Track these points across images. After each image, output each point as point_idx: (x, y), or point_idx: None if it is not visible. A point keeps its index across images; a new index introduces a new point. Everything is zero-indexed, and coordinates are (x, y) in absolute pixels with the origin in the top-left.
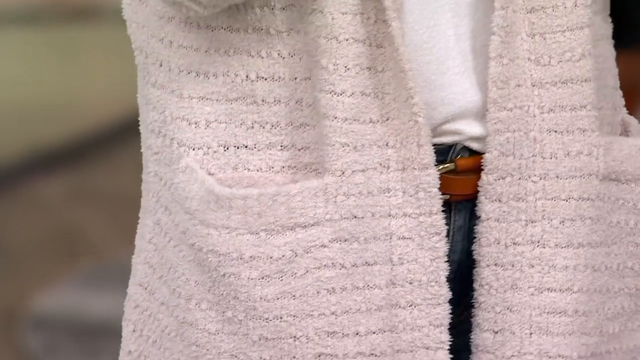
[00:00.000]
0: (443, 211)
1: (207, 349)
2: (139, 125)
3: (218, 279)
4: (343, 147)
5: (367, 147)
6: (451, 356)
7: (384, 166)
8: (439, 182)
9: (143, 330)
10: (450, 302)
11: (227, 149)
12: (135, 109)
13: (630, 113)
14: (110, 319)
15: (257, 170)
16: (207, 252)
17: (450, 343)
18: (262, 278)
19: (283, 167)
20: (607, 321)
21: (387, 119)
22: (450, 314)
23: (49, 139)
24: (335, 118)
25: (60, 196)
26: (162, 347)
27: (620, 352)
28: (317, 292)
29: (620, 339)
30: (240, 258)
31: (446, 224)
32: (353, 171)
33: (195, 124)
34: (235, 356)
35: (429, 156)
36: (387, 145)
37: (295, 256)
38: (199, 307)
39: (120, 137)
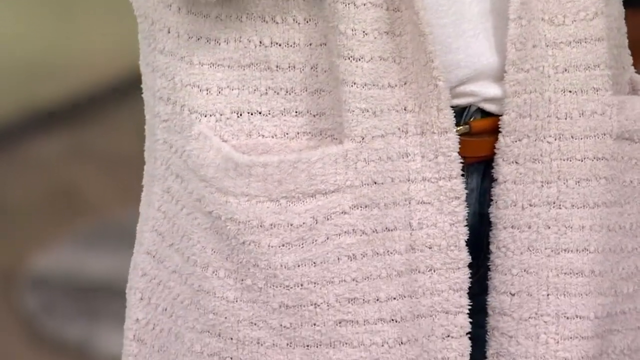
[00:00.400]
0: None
1: (226, 317)
2: (138, 85)
3: (237, 247)
4: (362, 112)
5: (386, 112)
6: (470, 320)
7: (403, 131)
8: (459, 146)
9: (151, 298)
10: None
11: (241, 115)
12: (134, 68)
13: (637, 72)
14: (109, 279)
15: (272, 137)
16: (226, 220)
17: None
18: (283, 245)
19: (298, 134)
20: (621, 281)
21: (405, 83)
22: None
23: (47, 98)
24: (354, 84)
25: (58, 155)
26: (174, 315)
27: (634, 312)
28: (338, 259)
29: (634, 298)
30: (261, 226)
31: None
32: (373, 137)
33: (207, 90)
34: (255, 324)
35: (449, 120)
36: (405, 109)
37: (316, 223)
38: (216, 275)
39: (119, 95)
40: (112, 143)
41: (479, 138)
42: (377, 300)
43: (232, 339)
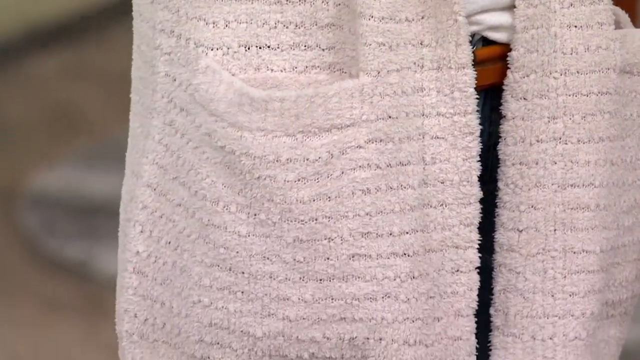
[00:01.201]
0: None
1: (237, 252)
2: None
3: (251, 182)
4: (379, 46)
5: (402, 46)
6: (479, 255)
7: (418, 65)
8: (475, 81)
9: (153, 231)
10: None
11: (249, 49)
12: None
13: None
14: (109, 198)
15: (281, 71)
16: (241, 155)
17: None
18: (299, 180)
19: (307, 67)
20: (622, 214)
21: (423, 17)
22: None
23: (46, 15)
24: (372, 17)
25: (57, 74)
26: (180, 248)
27: (632, 245)
28: (352, 193)
29: (632, 231)
30: (277, 160)
31: None
32: (388, 71)
33: (214, 23)
34: (268, 258)
35: (467, 55)
36: (421, 44)
37: (332, 157)
38: (227, 209)
39: (119, 13)
40: (111, 61)
41: (481, 67)
42: (390, 234)
43: (243, 273)
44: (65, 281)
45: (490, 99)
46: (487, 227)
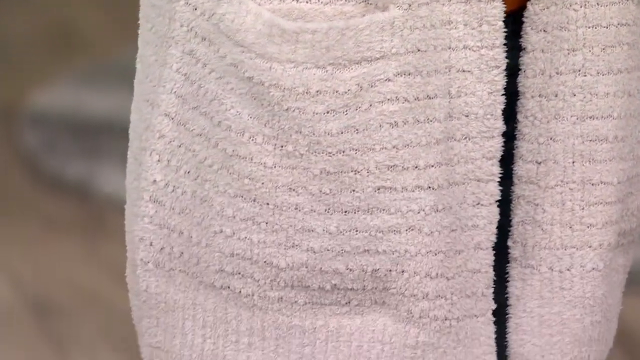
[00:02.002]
0: None
1: (263, 183)
2: None
3: (279, 114)
4: None
5: None
6: (501, 188)
7: None
8: (504, 15)
9: (171, 160)
10: None
11: None
12: None
13: None
14: (109, 118)
15: (306, 2)
16: (270, 86)
17: (500, 175)
18: (328, 112)
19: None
20: (637, 145)
21: None
22: None
23: None
24: None
25: None
26: (200, 178)
27: None
28: (380, 126)
29: None
30: (307, 92)
31: None
32: (419, 4)
33: None
34: (293, 190)
35: None
36: None
37: (360, 90)
38: (253, 140)
39: None
40: None
41: None
42: (416, 167)
43: (268, 204)
44: (65, 200)
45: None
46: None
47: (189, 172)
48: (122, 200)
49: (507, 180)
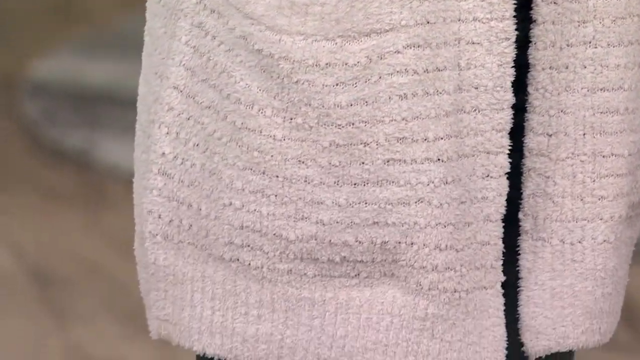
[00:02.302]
0: None
1: (272, 155)
2: None
3: (288, 86)
4: None
5: None
6: (510, 160)
7: None
8: None
9: (180, 133)
10: None
11: None
12: None
13: None
14: (110, 87)
15: None
16: (279, 58)
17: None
18: (337, 85)
19: None
20: None
21: None
22: None
23: None
24: None
25: None
26: (209, 151)
27: None
28: (389, 98)
29: None
30: (316, 65)
31: None
32: None
33: None
34: (303, 162)
35: None
36: None
37: (370, 62)
38: (262, 113)
39: None
40: None
41: None
42: (425, 139)
43: (277, 176)
44: (66, 170)
45: None
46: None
47: (197, 145)
48: (123, 170)
49: (516, 152)
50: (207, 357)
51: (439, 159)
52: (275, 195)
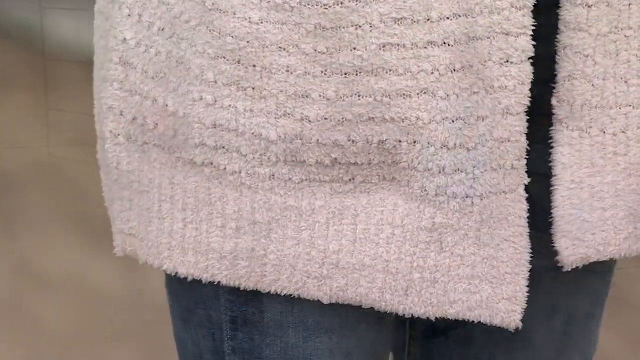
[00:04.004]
0: None
1: (248, 41)
2: None
3: None
4: None
5: None
6: (534, 43)
7: None
8: None
9: (142, 15)
10: None
11: None
12: None
13: None
14: None
15: None
16: None
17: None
18: None
19: None
20: None
21: None
22: None
23: None
24: None
25: None
26: (176, 36)
27: None
28: None
29: None
30: None
31: None
32: None
33: None
34: (284, 49)
35: None
36: None
37: None
38: None
39: None
40: None
41: None
42: (428, 20)
43: (255, 66)
44: (13, 51)
45: None
46: None
47: (163, 30)
48: (72, 50)
49: (544, 31)
50: (179, 278)
51: (444, 43)
52: (253, 89)
